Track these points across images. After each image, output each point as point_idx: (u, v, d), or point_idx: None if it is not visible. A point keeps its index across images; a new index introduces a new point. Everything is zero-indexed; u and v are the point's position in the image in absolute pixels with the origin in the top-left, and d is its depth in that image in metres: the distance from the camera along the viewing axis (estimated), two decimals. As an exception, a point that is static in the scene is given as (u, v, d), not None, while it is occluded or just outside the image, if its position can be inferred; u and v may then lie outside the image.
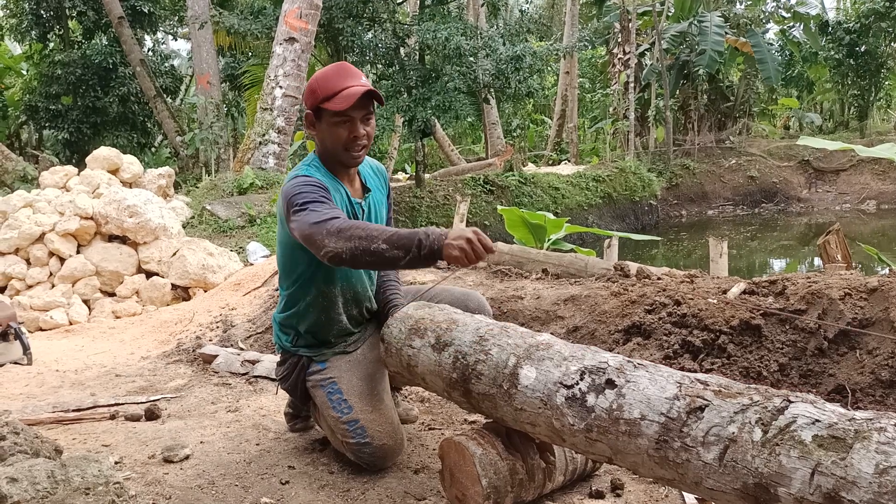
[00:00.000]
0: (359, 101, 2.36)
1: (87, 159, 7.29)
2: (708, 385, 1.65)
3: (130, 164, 7.43)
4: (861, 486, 1.32)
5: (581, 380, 1.84)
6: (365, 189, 2.63)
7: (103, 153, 7.27)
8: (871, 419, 1.40)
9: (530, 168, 17.97)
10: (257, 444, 2.78)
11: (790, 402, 1.51)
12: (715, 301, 2.97)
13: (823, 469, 1.37)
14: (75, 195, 6.22)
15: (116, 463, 2.61)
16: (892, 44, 22.70)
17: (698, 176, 19.98)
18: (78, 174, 6.95)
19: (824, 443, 1.40)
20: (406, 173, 19.39)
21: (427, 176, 14.82)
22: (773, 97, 25.38)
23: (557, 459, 2.21)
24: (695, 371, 2.77)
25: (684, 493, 2.20)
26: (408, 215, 13.12)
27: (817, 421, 1.44)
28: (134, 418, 3.15)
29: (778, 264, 14.08)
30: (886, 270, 3.89)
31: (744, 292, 2.99)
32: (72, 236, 6.02)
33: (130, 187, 6.98)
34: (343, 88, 2.37)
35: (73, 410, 3.27)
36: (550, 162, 21.46)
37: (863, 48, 21.56)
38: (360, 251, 2.12)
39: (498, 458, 2.09)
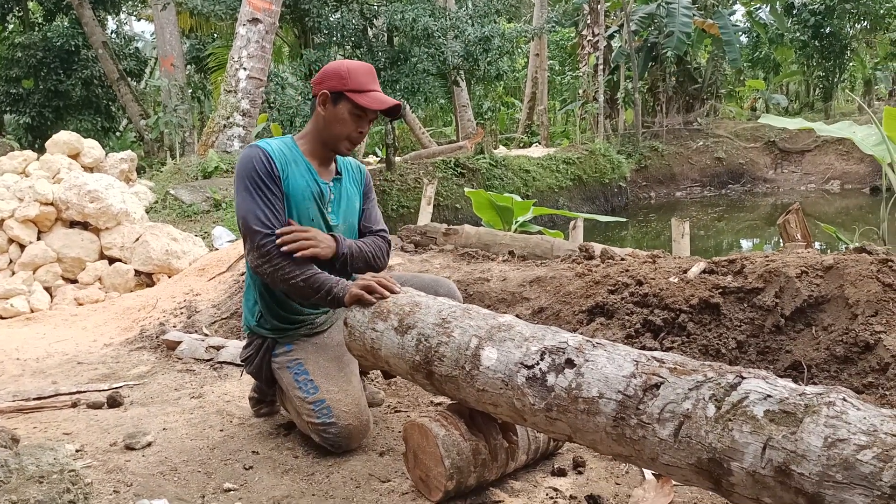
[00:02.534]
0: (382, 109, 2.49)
1: (47, 144, 7.12)
2: (664, 363, 1.67)
3: (91, 148, 7.28)
4: (810, 459, 1.34)
5: (541, 360, 1.85)
6: (337, 174, 2.64)
7: (63, 137, 7.11)
8: (820, 394, 1.43)
9: (501, 151, 17.98)
10: (221, 430, 2.76)
11: (743, 378, 1.53)
12: (676, 281, 3.00)
13: (774, 443, 1.39)
14: (34, 180, 6.09)
15: (77, 451, 2.58)
16: (857, 25, 23.03)
17: (667, 158, 20.17)
18: (37, 159, 6.80)
19: (775, 417, 1.43)
20: (377, 156, 19.29)
21: (398, 159, 14.75)
22: (741, 79, 25.66)
23: (520, 439, 2.23)
24: (655, 349, 2.80)
25: (644, 469, 2.23)
26: (378, 199, 13.03)
27: (769, 396, 1.46)
28: (96, 406, 3.11)
29: (745, 244, 14.29)
30: (843, 248, 3.97)
31: (703, 271, 3.03)
32: (32, 222, 5.90)
33: (92, 172, 6.84)
34: (373, 90, 2.49)
35: (34, 399, 3.22)
36: (521, 145, 21.50)
37: (828, 30, 21.84)
38: (279, 280, 2.40)
39: (461, 438, 2.10)
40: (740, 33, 20.99)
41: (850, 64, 23.75)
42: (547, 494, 2.18)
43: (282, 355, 2.59)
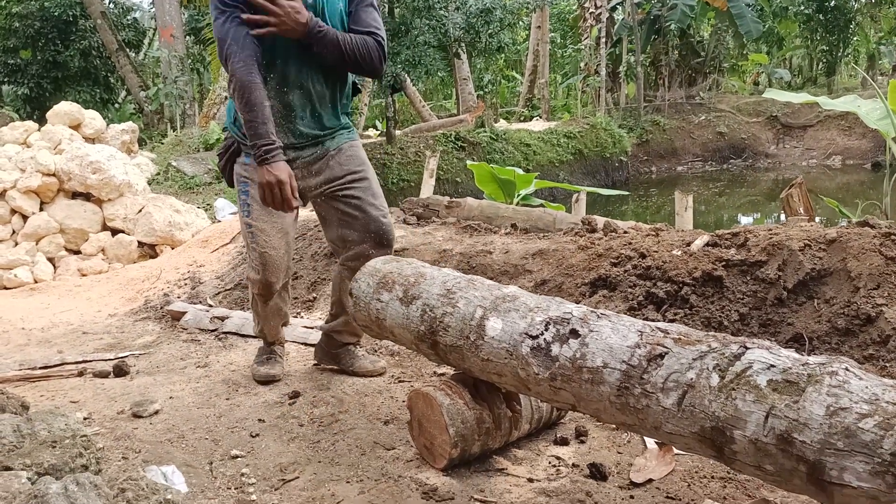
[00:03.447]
0: None
1: (48, 114, 7.09)
2: (668, 333, 1.69)
3: (92, 119, 7.25)
4: (812, 427, 1.36)
5: (546, 330, 1.86)
6: None
7: (64, 108, 7.08)
8: (823, 363, 1.45)
9: (502, 124, 17.87)
10: (227, 399, 2.79)
11: (747, 348, 1.55)
12: (679, 253, 3.02)
13: (777, 412, 1.41)
14: (36, 151, 6.07)
15: (85, 419, 2.61)
16: (862, -1, 22.78)
17: (668, 132, 20.03)
18: (38, 130, 6.78)
19: (778, 387, 1.44)
20: (377, 130, 19.19)
21: (398, 132, 14.67)
22: (744, 53, 25.42)
23: (523, 408, 2.26)
24: (658, 322, 2.81)
25: (646, 438, 2.26)
26: (378, 172, 13.01)
27: (772, 366, 1.48)
28: (102, 375, 3.14)
29: (745, 220, 14.26)
30: (846, 222, 3.98)
31: (707, 244, 3.04)
32: (34, 193, 5.90)
33: (93, 143, 6.82)
34: None
35: (41, 368, 3.25)
36: (522, 118, 21.36)
37: (832, 3, 21.60)
38: (235, 103, 2.50)
39: (465, 407, 2.13)
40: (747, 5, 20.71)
41: (854, 38, 23.52)
42: (550, 463, 2.21)
43: (240, 166, 2.74)
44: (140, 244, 5.91)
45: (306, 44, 2.52)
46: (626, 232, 3.69)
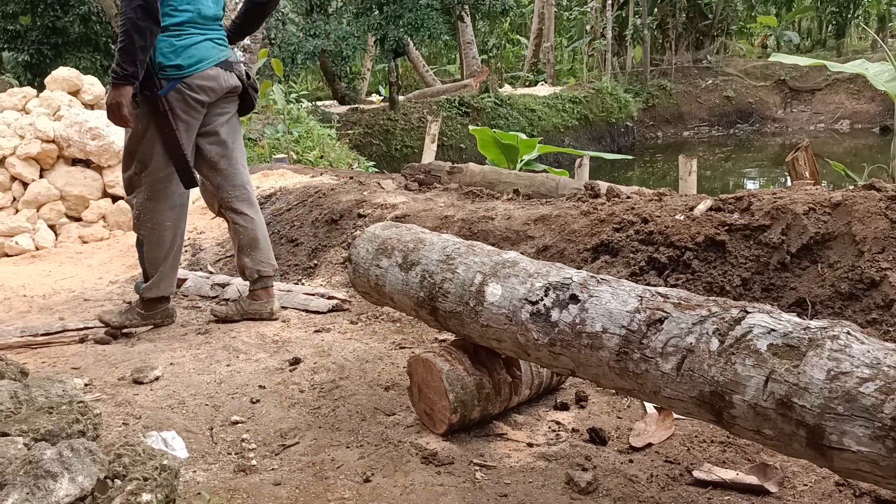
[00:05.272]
0: None
1: (46, 80, 7.00)
2: (668, 298, 1.67)
3: (91, 84, 7.16)
4: (812, 391, 1.35)
5: (546, 296, 1.85)
6: None
7: (62, 74, 6.99)
8: (825, 328, 1.43)
9: (506, 89, 17.72)
10: (227, 365, 2.79)
11: (747, 312, 1.53)
12: (681, 218, 2.98)
13: (777, 376, 1.40)
14: (35, 118, 6.03)
15: (86, 385, 2.62)
16: (873, -41, 22.32)
17: (675, 97, 19.82)
18: (37, 96, 6.71)
19: (779, 351, 1.43)
20: (380, 95, 19.02)
21: (401, 98, 14.55)
22: (752, 15, 25.02)
23: (523, 374, 2.25)
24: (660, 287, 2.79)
25: (645, 403, 2.25)
26: (382, 138, 12.96)
27: (773, 330, 1.46)
28: (103, 342, 3.15)
29: (751, 185, 14.16)
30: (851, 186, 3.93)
31: (710, 209, 3.00)
32: (34, 160, 5.86)
33: (92, 109, 6.76)
34: None
35: (42, 334, 3.26)
36: (527, 83, 21.16)
37: (843, -37, 21.19)
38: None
39: (465, 373, 2.12)
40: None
41: (865, 0, 23.11)
42: (549, 427, 2.21)
43: None
44: (141, 211, 5.88)
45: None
46: (628, 197, 3.65)
